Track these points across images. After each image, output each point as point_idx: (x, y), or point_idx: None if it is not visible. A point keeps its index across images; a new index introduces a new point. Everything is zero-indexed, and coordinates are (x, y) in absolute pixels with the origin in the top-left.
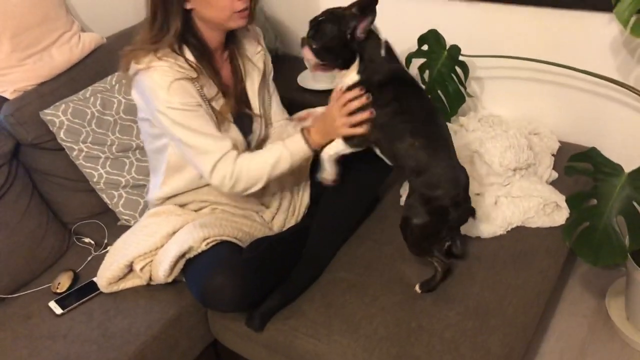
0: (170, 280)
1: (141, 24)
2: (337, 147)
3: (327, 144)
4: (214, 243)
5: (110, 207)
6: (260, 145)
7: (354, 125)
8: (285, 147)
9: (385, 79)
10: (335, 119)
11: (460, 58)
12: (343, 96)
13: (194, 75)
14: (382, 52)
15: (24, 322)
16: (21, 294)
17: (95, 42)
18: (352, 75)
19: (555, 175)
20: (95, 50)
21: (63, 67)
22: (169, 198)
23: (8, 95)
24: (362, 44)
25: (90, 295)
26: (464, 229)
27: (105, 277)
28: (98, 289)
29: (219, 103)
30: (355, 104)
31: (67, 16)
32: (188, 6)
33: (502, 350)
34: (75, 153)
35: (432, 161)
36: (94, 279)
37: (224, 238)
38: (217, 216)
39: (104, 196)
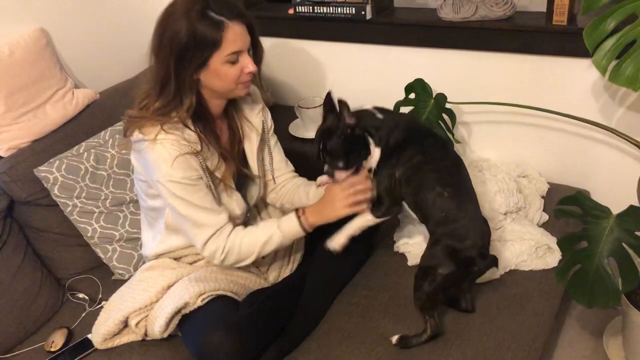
0: (165, 336)
1: (141, 85)
2: (364, 222)
3: (320, 225)
4: (209, 298)
5: (104, 261)
6: (260, 203)
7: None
8: (278, 228)
9: (401, 136)
10: (336, 201)
11: (447, 105)
12: (349, 180)
13: (198, 148)
14: (380, 116)
15: None
16: (14, 354)
17: (89, 98)
18: (375, 152)
19: (545, 217)
20: (89, 106)
21: (57, 123)
22: (165, 253)
23: (2, 153)
24: (360, 126)
25: (85, 353)
26: None
27: (100, 333)
28: (92, 346)
29: (220, 170)
30: (360, 187)
31: (61, 73)
32: (195, 77)
33: None
34: (69, 209)
35: (459, 212)
36: (89, 336)
37: (220, 292)
38: (212, 269)
39: (98, 250)
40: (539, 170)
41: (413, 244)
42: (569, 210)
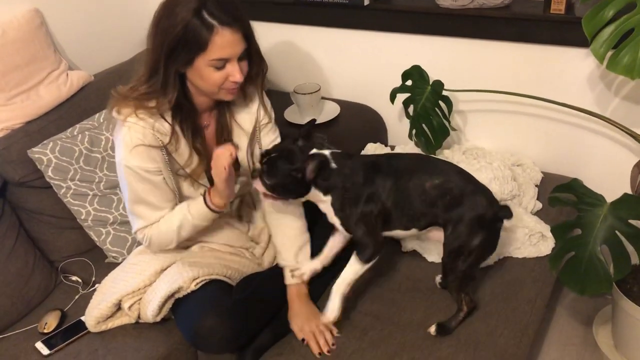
0: (158, 319)
1: (138, 66)
2: (355, 274)
3: (225, 203)
4: (203, 282)
5: (97, 244)
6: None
7: None
8: (188, 211)
9: (360, 176)
10: (216, 176)
11: (444, 93)
12: (218, 158)
13: (166, 140)
14: (333, 165)
15: None
16: (7, 334)
17: (83, 80)
18: (327, 206)
19: (539, 205)
20: (83, 88)
21: (51, 105)
22: None
23: None
24: (315, 180)
25: (78, 335)
26: None
27: (94, 316)
28: (85, 329)
29: (191, 166)
30: (228, 160)
31: (55, 55)
32: (184, 71)
33: None
34: (63, 191)
35: (456, 187)
36: (82, 318)
37: (214, 277)
38: (206, 254)
39: (91, 233)
40: (533, 159)
41: None
42: (563, 197)
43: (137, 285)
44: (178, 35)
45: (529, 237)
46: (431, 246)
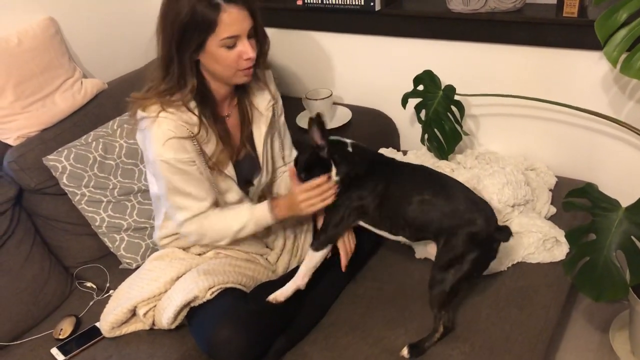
0: (173, 327)
1: (150, 70)
2: (311, 261)
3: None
4: (218, 291)
5: (112, 250)
6: (265, 187)
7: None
8: (252, 215)
9: (363, 168)
10: (297, 202)
11: (456, 97)
12: (308, 183)
13: (195, 131)
14: (350, 149)
15: None
16: (23, 340)
17: (97, 88)
18: (333, 178)
19: (553, 210)
20: (97, 95)
21: (66, 113)
22: (169, 238)
23: (11, 142)
24: (331, 151)
25: (93, 341)
26: None
27: (109, 321)
28: (100, 334)
29: (216, 154)
30: (315, 192)
31: (69, 63)
32: (197, 58)
33: None
34: (77, 197)
35: (454, 202)
36: (96, 324)
37: (229, 285)
38: (221, 261)
39: (105, 240)
40: (547, 163)
41: None
42: (577, 202)
43: (152, 292)
44: (186, 21)
45: (543, 242)
46: None
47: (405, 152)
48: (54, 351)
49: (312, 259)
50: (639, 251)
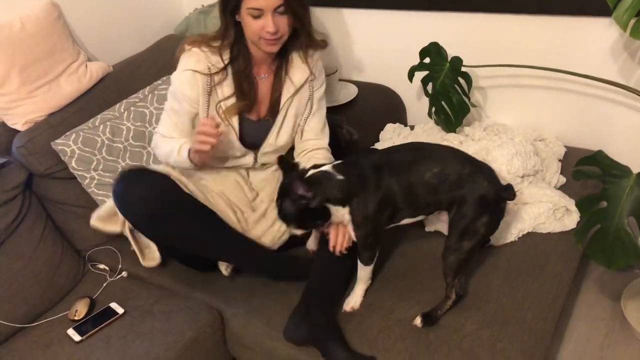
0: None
1: None
2: (367, 273)
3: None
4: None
5: (123, 232)
6: (276, 151)
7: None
8: (179, 146)
9: (361, 185)
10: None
11: (463, 69)
12: (201, 124)
13: (214, 71)
14: (340, 177)
15: (44, 350)
16: (39, 322)
17: (103, 71)
18: (342, 212)
19: (563, 180)
20: (103, 78)
21: (72, 96)
22: None
23: (19, 127)
24: (319, 197)
25: (108, 321)
26: None
27: (96, 213)
28: (115, 314)
29: (227, 103)
30: (207, 129)
31: (73, 47)
32: (235, 16)
33: (522, 357)
34: (87, 181)
35: (457, 171)
36: (111, 305)
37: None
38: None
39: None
40: (556, 134)
41: None
42: (587, 170)
43: None
44: None
45: (553, 212)
46: None
47: (412, 127)
48: (70, 332)
49: (366, 270)
50: None
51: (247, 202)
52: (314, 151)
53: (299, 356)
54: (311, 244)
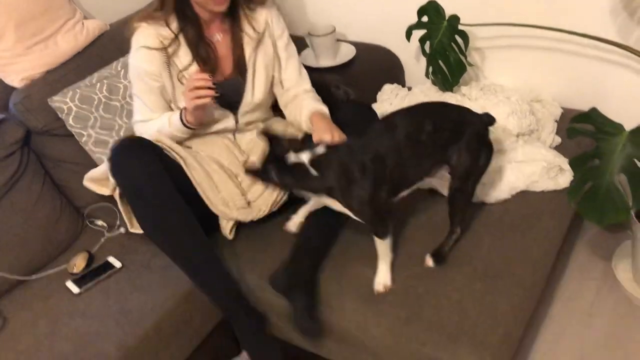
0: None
1: None
2: (387, 246)
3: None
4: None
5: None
6: (256, 109)
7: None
8: (168, 119)
9: (357, 161)
10: (186, 99)
11: (460, 27)
12: (192, 76)
13: (167, 44)
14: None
15: (44, 302)
16: (39, 275)
17: (100, 29)
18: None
19: (558, 140)
20: (100, 37)
21: (68, 54)
22: None
23: (16, 84)
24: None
25: (106, 274)
26: None
27: (89, 174)
28: (113, 268)
29: (189, 71)
30: (201, 83)
31: (69, 4)
32: None
33: (510, 309)
34: (84, 139)
35: (441, 117)
36: (109, 259)
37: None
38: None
39: (113, 180)
40: (553, 95)
41: None
42: (581, 128)
43: None
44: None
45: (547, 171)
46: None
47: (409, 88)
48: (69, 284)
49: (384, 244)
50: None
51: (239, 165)
52: (300, 98)
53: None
54: (291, 226)
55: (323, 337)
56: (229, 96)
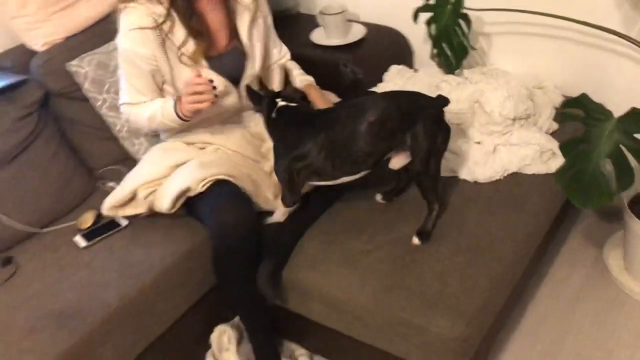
0: (172, 212)
1: None
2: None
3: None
4: (209, 183)
5: (131, 154)
6: (254, 82)
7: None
8: (160, 107)
9: (291, 140)
10: (183, 102)
11: (467, 12)
12: (192, 81)
13: (160, 21)
14: (273, 115)
15: (53, 253)
16: (50, 229)
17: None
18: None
19: (555, 126)
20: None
21: (89, 22)
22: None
23: (39, 47)
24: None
25: (112, 231)
26: (463, 173)
27: (109, 202)
28: (119, 226)
29: (188, 48)
30: (201, 88)
31: None
32: None
33: (489, 282)
34: (99, 103)
35: (391, 104)
36: (115, 217)
37: (220, 177)
38: (220, 156)
39: (125, 144)
40: (555, 82)
41: None
42: (571, 113)
43: (152, 175)
44: None
45: (540, 155)
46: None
47: (416, 70)
48: (77, 238)
49: (283, 211)
50: (627, 160)
51: (257, 152)
52: (289, 65)
53: (283, 273)
54: (278, 215)
55: (286, 297)
56: (226, 70)
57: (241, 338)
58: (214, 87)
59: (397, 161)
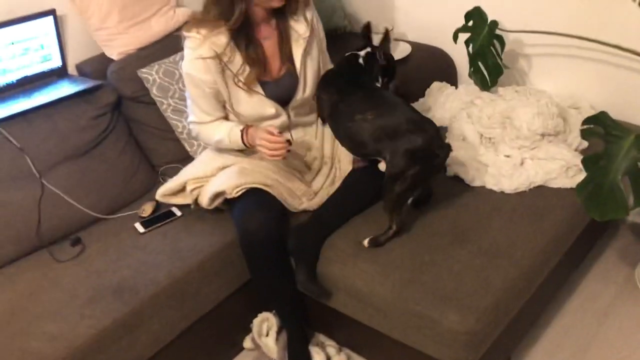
0: (211, 208)
1: None
2: None
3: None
4: (242, 191)
5: (190, 154)
6: (303, 104)
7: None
8: (228, 133)
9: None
10: (260, 147)
11: (504, 34)
12: (275, 139)
13: (220, 51)
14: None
15: (115, 237)
16: (115, 216)
17: (187, 16)
18: None
19: (585, 144)
20: (186, 23)
21: (159, 35)
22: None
23: (114, 57)
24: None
25: (167, 220)
26: (490, 183)
27: (162, 190)
28: (174, 216)
29: (244, 75)
30: (278, 146)
31: None
32: None
33: (503, 283)
34: (164, 106)
35: (395, 122)
36: (172, 209)
37: (254, 185)
38: (261, 164)
39: (185, 145)
40: (593, 103)
41: None
42: (592, 130)
43: (201, 174)
44: None
45: (566, 170)
46: (474, 172)
47: (456, 87)
48: (137, 225)
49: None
50: None
51: (301, 163)
52: None
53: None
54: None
55: (332, 294)
56: (278, 94)
57: (282, 327)
58: (289, 143)
59: (380, 167)
